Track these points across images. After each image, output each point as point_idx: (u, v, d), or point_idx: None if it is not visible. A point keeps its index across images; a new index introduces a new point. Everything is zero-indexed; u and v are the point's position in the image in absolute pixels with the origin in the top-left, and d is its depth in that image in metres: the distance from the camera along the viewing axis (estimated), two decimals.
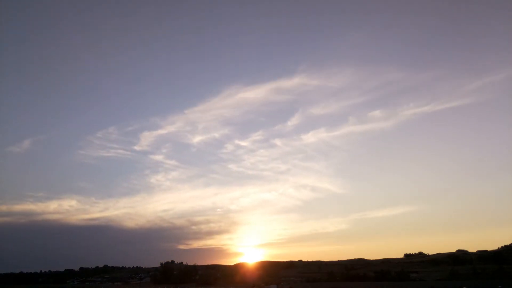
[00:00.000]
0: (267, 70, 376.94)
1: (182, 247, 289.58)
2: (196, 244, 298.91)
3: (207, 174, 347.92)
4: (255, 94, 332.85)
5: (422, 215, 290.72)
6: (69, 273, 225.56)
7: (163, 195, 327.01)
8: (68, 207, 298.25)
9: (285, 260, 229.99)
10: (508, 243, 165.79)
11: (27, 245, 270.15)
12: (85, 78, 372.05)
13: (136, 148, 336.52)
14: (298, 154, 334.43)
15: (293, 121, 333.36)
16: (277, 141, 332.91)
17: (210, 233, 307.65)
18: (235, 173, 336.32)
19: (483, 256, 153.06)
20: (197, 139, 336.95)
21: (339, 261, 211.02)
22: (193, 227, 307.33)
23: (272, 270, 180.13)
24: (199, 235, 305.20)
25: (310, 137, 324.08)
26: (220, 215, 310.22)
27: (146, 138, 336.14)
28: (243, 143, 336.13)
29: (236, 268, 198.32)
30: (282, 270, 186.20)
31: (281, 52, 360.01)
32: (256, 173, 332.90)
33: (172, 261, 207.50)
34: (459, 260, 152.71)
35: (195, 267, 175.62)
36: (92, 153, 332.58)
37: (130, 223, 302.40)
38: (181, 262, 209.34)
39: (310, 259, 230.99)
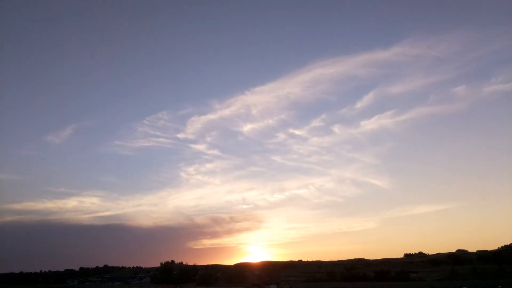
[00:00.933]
0: (362, 38, 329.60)
1: (196, 246, 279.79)
2: (211, 242, 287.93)
3: (246, 166, 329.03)
4: (337, 68, 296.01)
5: (463, 213, 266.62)
6: (69, 273, 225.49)
7: (191, 190, 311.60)
8: (90, 204, 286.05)
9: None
10: (508, 243, 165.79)
11: (28, 245, 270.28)
12: (142, 58, 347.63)
13: (179, 136, 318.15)
14: (351, 144, 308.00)
15: (363, 102, 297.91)
16: (336, 128, 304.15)
17: (230, 232, 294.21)
18: (277, 166, 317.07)
19: (483, 256, 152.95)
20: (248, 126, 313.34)
21: (339, 261, 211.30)
22: (213, 225, 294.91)
23: (272, 270, 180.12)
24: (216, 234, 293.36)
25: (371, 123, 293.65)
26: (245, 213, 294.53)
27: (194, 124, 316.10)
28: (297, 132, 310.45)
29: (236, 268, 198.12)
30: (282, 270, 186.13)
31: (387, 14, 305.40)
32: (299, 165, 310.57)
33: (172, 261, 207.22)
34: (459, 260, 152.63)
35: (195, 267, 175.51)
36: (130, 143, 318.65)
37: (147, 222, 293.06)
38: (181, 262, 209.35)
39: (310, 259, 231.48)
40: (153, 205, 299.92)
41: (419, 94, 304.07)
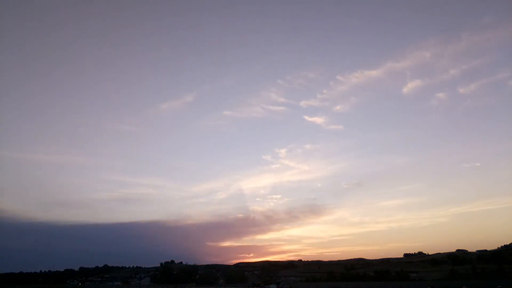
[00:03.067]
0: None
1: (226, 244, 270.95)
2: (259, 238, 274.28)
3: (356, 148, 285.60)
4: None
5: None
6: (69, 273, 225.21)
7: (261, 178, 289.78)
8: (139, 196, 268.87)
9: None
10: (508, 243, 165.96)
11: (28, 245, 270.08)
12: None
13: (303, 104, 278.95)
14: (498, 109, 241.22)
15: None
16: None
17: (276, 228, 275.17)
18: (394, 140, 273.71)
19: (483, 256, 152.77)
20: (412, 84, 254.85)
21: (339, 261, 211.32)
22: (264, 221, 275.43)
23: (272, 270, 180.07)
24: (262, 230, 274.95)
25: None
26: (309, 204, 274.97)
27: (335, 87, 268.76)
28: (462, 90, 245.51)
29: (236, 267, 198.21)
30: (282, 270, 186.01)
31: None
32: (416, 143, 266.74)
33: (172, 261, 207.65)
34: (459, 260, 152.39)
35: (195, 267, 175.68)
36: (239, 113, 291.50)
37: (191, 218, 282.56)
38: (181, 262, 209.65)
39: (311, 259, 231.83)
40: (208, 196, 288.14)
41: None
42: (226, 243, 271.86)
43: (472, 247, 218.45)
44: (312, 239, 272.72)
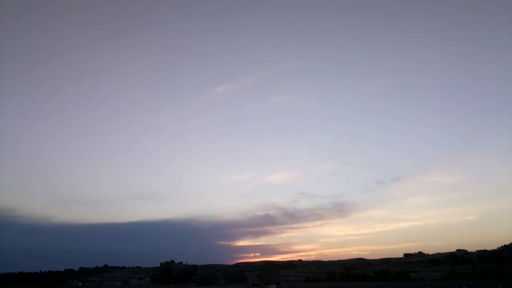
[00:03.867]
0: None
1: (241, 243, 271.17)
2: (264, 239, 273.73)
3: (402, 137, 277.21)
4: None
5: None
6: (69, 273, 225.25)
7: (284, 173, 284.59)
8: (161, 188, 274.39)
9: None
10: (508, 243, 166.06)
11: (28, 245, 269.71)
12: None
13: (363, 87, 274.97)
14: None
15: None
16: None
17: (297, 227, 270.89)
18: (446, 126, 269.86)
19: (483, 256, 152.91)
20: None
21: (339, 261, 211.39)
22: (282, 219, 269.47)
23: (272, 270, 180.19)
24: (275, 229, 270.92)
25: None
26: (335, 201, 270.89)
27: (404, 63, 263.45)
28: None
29: (236, 267, 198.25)
30: (282, 270, 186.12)
31: None
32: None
33: (172, 261, 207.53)
34: (458, 260, 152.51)
35: (195, 267, 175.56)
36: (290, 99, 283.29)
37: (211, 215, 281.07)
38: (181, 262, 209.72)
39: (310, 259, 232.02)
40: (230, 190, 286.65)
41: None
42: (241, 243, 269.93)
43: (472, 247, 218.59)
44: (331, 238, 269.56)
